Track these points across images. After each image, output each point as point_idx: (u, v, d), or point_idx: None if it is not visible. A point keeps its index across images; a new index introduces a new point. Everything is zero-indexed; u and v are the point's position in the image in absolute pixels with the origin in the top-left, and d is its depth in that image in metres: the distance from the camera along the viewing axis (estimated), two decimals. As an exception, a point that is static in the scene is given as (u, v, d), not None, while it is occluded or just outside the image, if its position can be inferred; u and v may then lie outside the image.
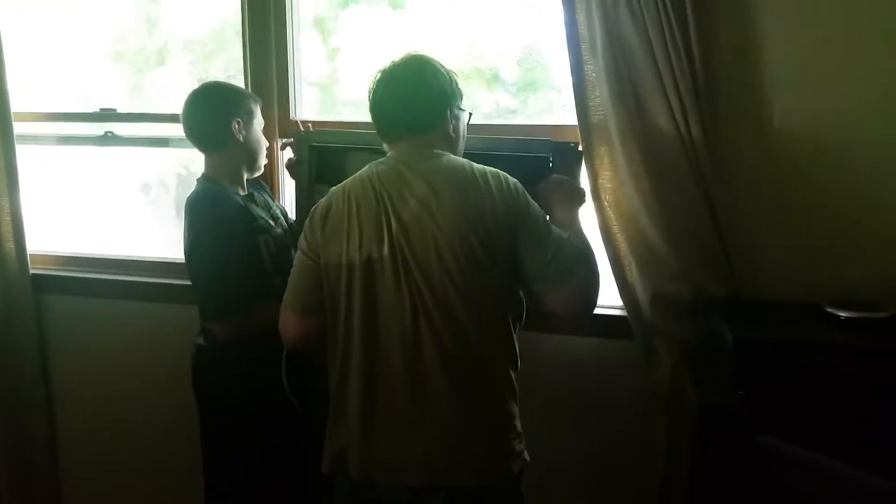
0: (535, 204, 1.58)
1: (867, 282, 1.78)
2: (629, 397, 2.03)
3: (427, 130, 1.62)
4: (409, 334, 1.52)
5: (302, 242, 1.65)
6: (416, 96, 1.61)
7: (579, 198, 1.79)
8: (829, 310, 1.67)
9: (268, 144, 2.07)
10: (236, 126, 1.95)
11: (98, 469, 2.61)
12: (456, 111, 1.66)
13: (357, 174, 1.64)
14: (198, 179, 2.02)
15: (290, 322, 1.66)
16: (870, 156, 1.80)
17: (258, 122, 2.02)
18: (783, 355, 1.54)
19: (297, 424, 1.98)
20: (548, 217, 1.64)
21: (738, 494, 1.44)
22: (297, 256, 1.67)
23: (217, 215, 1.91)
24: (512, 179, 1.57)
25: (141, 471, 2.54)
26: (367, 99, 1.65)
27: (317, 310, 1.63)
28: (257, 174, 2.08)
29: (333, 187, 1.66)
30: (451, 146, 1.66)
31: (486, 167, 1.58)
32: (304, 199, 2.08)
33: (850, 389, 1.50)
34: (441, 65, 1.64)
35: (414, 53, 1.65)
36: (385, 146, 1.68)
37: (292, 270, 1.68)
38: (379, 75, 1.64)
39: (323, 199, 1.65)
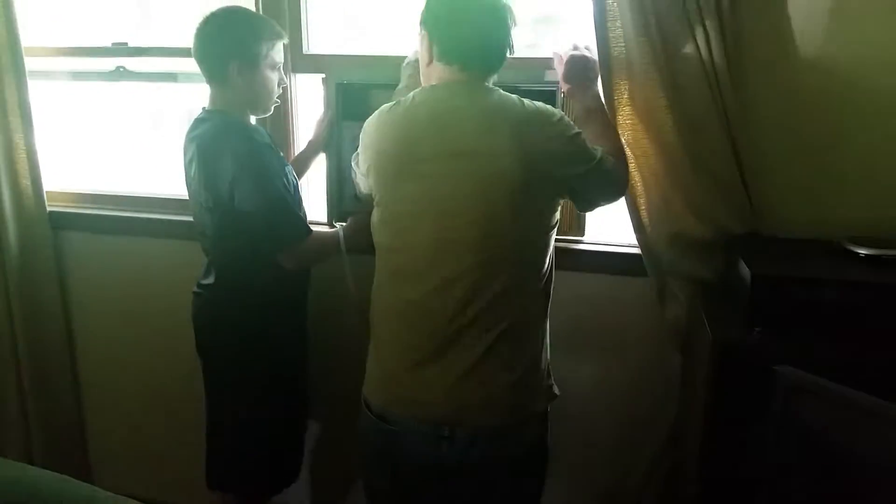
0: (580, 132, 1.57)
1: (887, 219, 1.76)
2: (643, 335, 2.04)
3: (492, 71, 1.60)
4: (445, 270, 1.51)
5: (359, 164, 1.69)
6: (494, 31, 1.57)
7: (595, 73, 1.83)
8: (849, 247, 1.66)
9: (284, 84, 1.96)
10: (233, 68, 1.85)
11: (118, 399, 2.68)
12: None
13: (407, 99, 1.59)
14: (203, 114, 1.93)
15: None
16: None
17: (269, 64, 1.88)
18: (802, 292, 1.54)
19: (300, 363, 2.04)
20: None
21: (752, 429, 1.46)
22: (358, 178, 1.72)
23: (257, 145, 1.85)
24: (563, 115, 1.57)
25: (157, 404, 2.61)
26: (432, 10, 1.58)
27: None
28: (265, 115, 2.01)
29: (383, 106, 1.63)
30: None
31: (536, 103, 1.55)
32: (333, 138, 2.15)
33: (868, 326, 1.50)
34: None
35: None
36: (427, 68, 1.62)
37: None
38: None
39: (373, 119, 1.64)
